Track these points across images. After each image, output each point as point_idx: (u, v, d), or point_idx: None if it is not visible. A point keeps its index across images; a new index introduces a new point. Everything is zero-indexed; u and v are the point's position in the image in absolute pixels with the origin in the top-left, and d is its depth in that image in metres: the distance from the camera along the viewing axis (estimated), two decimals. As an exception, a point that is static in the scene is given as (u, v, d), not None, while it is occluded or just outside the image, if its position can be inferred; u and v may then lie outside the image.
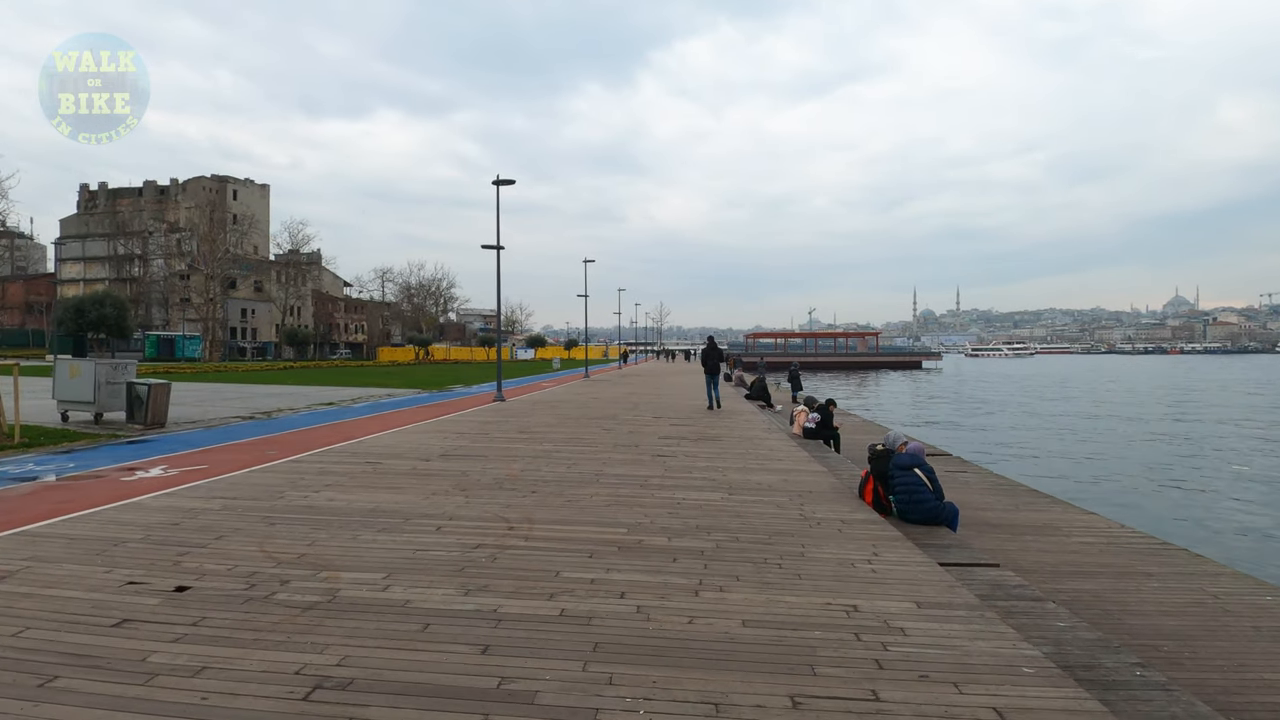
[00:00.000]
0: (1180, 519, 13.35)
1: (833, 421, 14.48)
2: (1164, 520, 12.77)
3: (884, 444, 8.41)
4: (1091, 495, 14.60)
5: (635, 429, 13.99)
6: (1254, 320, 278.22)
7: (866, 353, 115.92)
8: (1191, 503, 15.08)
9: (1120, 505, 13.69)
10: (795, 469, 9.74)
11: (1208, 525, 12.95)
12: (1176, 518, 13.42)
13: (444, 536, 5.92)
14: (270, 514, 6.62)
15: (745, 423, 15.92)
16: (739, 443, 12.31)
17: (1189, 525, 12.76)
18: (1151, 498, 15.55)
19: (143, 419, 14.87)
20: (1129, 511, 12.61)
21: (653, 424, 14.99)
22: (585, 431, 13.50)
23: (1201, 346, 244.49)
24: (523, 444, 11.66)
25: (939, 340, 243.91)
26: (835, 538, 6.19)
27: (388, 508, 6.92)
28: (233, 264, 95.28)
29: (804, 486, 8.49)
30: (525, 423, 14.97)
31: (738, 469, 9.56)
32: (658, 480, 8.58)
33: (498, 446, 11.38)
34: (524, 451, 10.78)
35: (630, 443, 11.91)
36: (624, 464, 9.68)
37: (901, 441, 8.31)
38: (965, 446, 20.57)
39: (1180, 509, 14.38)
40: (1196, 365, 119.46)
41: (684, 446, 11.57)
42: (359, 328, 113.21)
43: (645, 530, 6.21)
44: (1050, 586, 7.00)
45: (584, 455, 10.44)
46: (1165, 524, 12.17)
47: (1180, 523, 12.91)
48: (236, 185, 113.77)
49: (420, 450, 10.82)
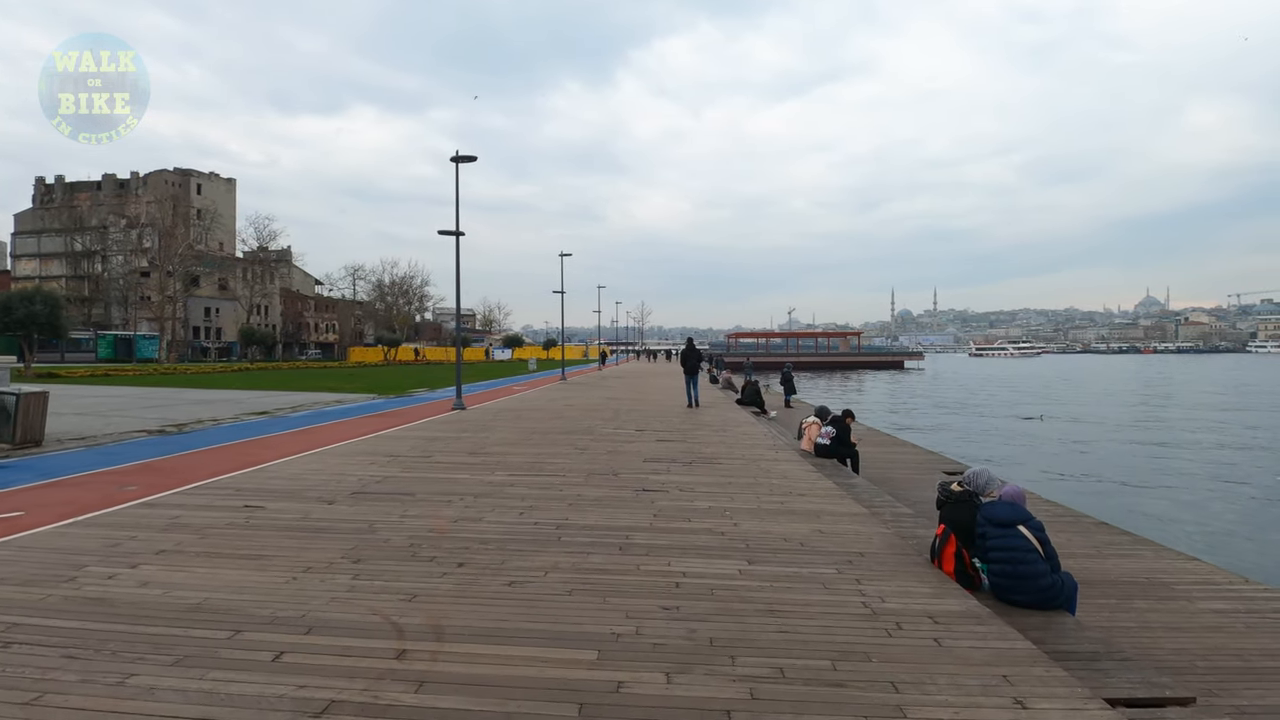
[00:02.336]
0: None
1: (850, 436, 12.11)
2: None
3: (964, 483, 6.01)
4: (1167, 527, 12.35)
5: (614, 448, 11.50)
6: (1224, 320, 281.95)
7: (848, 352, 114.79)
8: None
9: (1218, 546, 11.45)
10: (826, 509, 7.31)
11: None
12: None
13: (277, 679, 3.40)
14: (20, 620, 4.06)
15: (744, 436, 13.50)
16: (744, 466, 9.88)
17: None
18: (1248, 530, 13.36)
19: (10, 436, 12.12)
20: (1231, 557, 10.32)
21: (635, 440, 12.51)
22: (552, 453, 10.98)
23: (1174, 346, 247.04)
24: (469, 472, 9.11)
25: (917, 340, 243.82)
26: (938, 661, 3.76)
27: (220, 603, 4.38)
28: (195, 260, 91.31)
29: (849, 542, 6.07)
30: (481, 440, 12.40)
31: (750, 510, 7.12)
32: (644, 536, 6.10)
33: (435, 478, 8.81)
34: (467, 486, 8.23)
35: (607, 468, 9.41)
36: (598, 507, 7.18)
37: (994, 485, 5.91)
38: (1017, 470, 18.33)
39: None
40: (1187, 365, 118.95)
41: (676, 474, 9.11)
42: (330, 327, 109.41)
43: (628, 655, 3.73)
44: (1230, 703, 4.72)
45: (545, 492, 7.92)
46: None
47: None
48: (200, 179, 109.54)
49: (329, 485, 8.25)
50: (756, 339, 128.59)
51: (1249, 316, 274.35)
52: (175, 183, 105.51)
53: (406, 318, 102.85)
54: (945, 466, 14.06)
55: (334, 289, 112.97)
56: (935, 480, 13.74)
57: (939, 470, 13.91)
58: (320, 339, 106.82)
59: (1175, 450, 22.93)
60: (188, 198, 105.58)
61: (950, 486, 6.19)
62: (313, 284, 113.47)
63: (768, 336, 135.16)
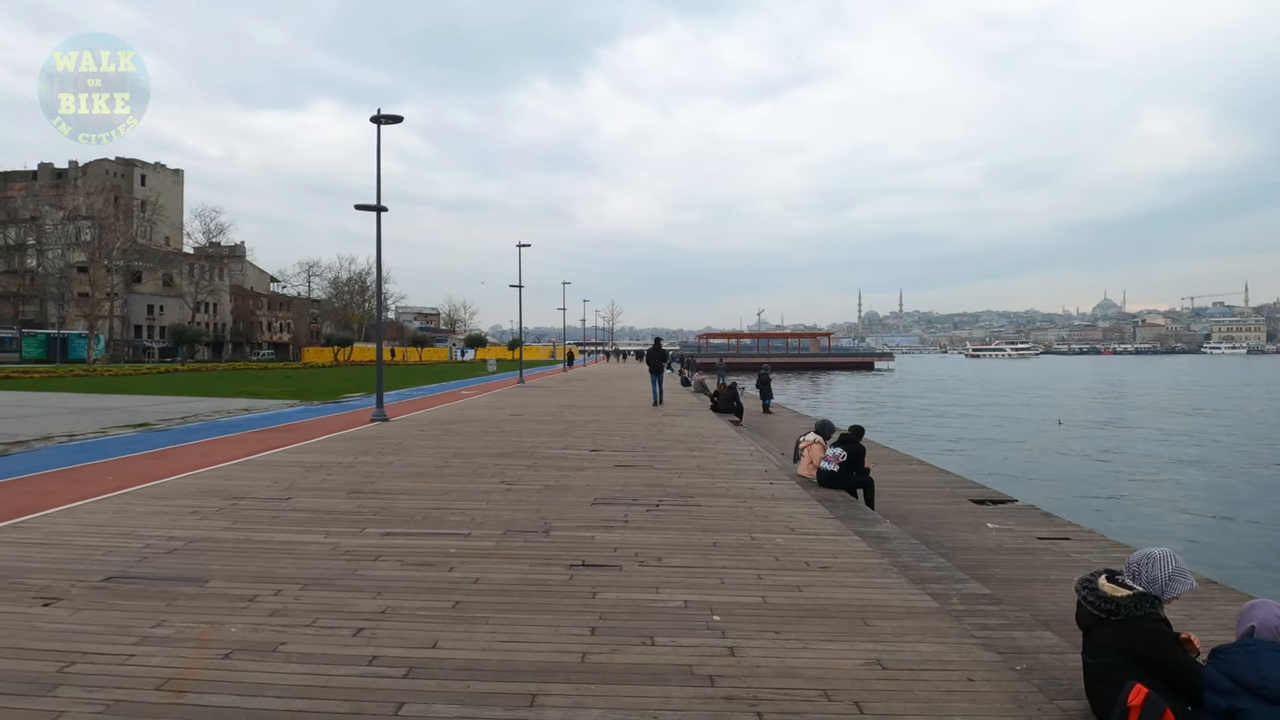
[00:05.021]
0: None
1: (865, 461, 9.37)
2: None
3: (1131, 577, 3.25)
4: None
5: (557, 479, 8.59)
6: (1178, 322, 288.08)
7: (819, 353, 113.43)
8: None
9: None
10: (872, 600, 4.51)
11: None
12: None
13: None
14: None
15: (725, 457, 10.71)
16: (731, 510, 7.06)
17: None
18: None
19: None
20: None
21: (587, 465, 9.61)
22: (466, 491, 8.02)
23: (1133, 348, 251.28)
24: (323, 531, 6.11)
25: (883, 341, 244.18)
26: None
27: None
28: (138, 255, 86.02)
29: (939, 699, 3.27)
30: (378, 469, 9.36)
31: (752, 610, 4.29)
32: (568, 693, 3.23)
33: (264, 542, 5.80)
34: (301, 562, 5.25)
35: (536, 520, 6.50)
36: (498, 612, 4.27)
37: (1183, 582, 3.17)
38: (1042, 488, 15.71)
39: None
40: (1162, 366, 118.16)
41: (636, 528, 6.24)
42: (285, 326, 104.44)
43: None
44: None
45: (423, 575, 4.99)
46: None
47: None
48: (145, 170, 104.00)
49: (91, 556, 5.22)
50: (727, 340, 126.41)
51: (1202, 319, 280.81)
52: (117, 173, 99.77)
53: (364, 316, 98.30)
54: (973, 494, 11.42)
55: (288, 286, 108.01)
56: (963, 511, 10.99)
57: (964, 498, 11.22)
58: (274, 338, 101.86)
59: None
60: (131, 189, 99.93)
61: (1100, 584, 3.37)
62: (268, 281, 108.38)
63: (738, 337, 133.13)
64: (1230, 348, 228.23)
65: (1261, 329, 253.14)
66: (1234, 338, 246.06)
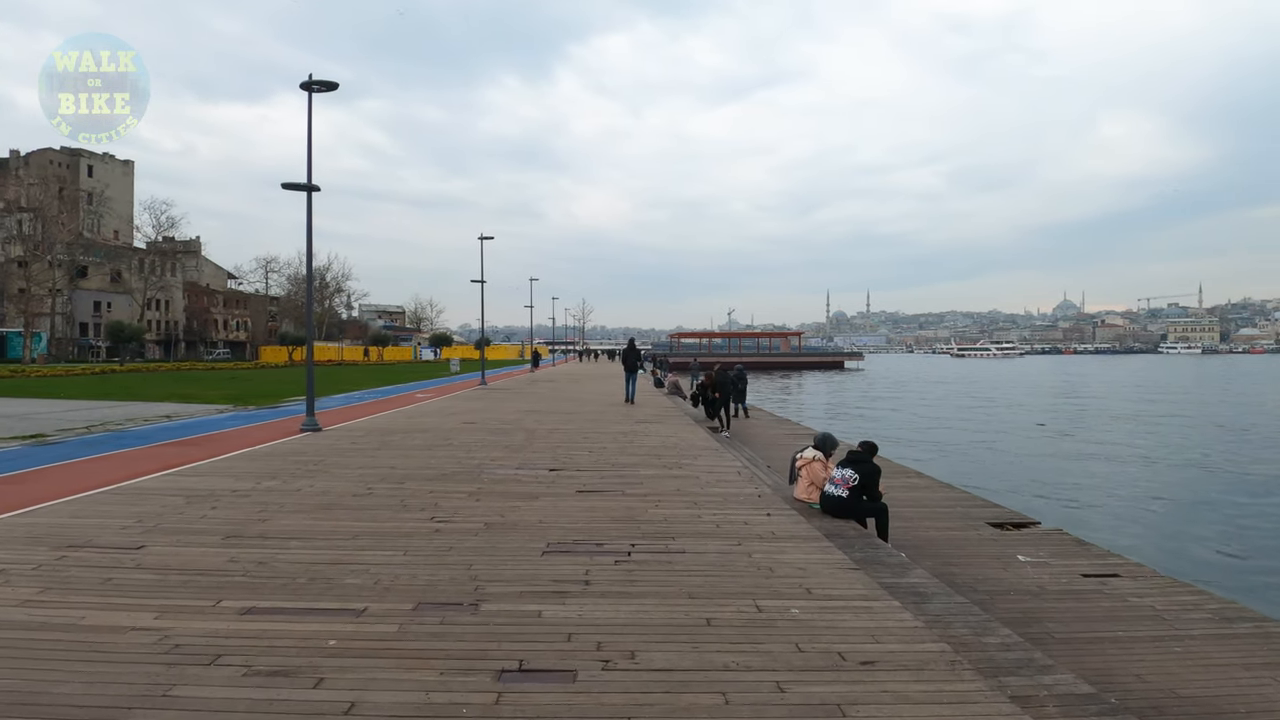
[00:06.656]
0: None
1: (879, 484, 7.85)
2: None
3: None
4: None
5: (502, 514, 6.87)
6: (1135, 323, 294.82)
7: (790, 353, 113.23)
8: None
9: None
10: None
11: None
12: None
13: None
14: None
15: (708, 474, 9.10)
16: (723, 560, 5.44)
17: None
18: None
19: None
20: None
21: (542, 495, 7.90)
22: (383, 532, 6.27)
23: (1093, 348, 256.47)
24: (157, 609, 4.33)
25: (851, 341, 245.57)
26: None
27: None
28: (83, 249, 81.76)
29: None
30: (281, 497, 7.53)
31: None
32: None
33: (65, 628, 4.02)
34: (67, 692, 3.53)
35: (464, 585, 4.79)
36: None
37: None
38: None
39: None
40: (1124, 364, 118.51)
41: (597, 594, 4.59)
42: (241, 324, 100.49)
43: None
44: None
45: (273, 703, 3.29)
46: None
47: None
48: (92, 160, 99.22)
49: None
50: (699, 339, 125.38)
51: (1158, 319, 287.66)
52: (62, 163, 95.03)
53: (323, 313, 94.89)
54: (990, 515, 9.97)
55: (244, 282, 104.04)
56: (984, 539, 9.27)
57: (980, 520, 9.72)
58: (231, 337, 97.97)
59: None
60: (77, 180, 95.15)
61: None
62: (225, 278, 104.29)
63: (709, 337, 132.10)
64: (1186, 348, 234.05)
65: (1215, 329, 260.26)
66: (1189, 338, 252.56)
